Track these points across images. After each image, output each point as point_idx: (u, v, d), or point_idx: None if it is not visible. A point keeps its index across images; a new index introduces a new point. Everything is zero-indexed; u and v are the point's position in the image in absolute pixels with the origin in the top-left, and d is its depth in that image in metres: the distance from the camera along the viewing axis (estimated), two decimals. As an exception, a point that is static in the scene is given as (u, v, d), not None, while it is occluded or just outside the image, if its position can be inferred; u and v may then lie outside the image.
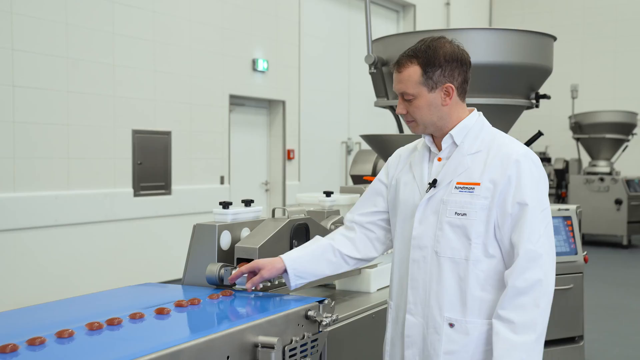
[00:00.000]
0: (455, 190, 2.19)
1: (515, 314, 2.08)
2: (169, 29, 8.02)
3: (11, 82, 6.29)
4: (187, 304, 2.16)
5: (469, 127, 2.26)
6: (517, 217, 2.12)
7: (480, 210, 2.15)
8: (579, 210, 4.47)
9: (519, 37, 4.22)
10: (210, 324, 2.01)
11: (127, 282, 4.00)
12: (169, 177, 8.07)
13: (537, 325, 2.08)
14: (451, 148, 2.27)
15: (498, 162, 2.17)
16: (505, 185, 2.14)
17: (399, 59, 2.26)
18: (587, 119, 12.98)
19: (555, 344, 4.29)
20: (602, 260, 10.87)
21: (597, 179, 12.35)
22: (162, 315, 2.04)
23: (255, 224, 2.70)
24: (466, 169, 2.21)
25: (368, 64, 4.28)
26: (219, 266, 2.46)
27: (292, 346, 2.13)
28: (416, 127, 2.28)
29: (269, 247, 2.49)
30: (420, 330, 2.24)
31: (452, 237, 2.18)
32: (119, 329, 1.88)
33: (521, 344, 2.06)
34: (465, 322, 2.17)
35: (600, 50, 15.88)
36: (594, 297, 7.56)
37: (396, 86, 2.26)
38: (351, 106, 11.81)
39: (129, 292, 2.45)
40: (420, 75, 2.19)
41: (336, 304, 2.95)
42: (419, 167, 2.33)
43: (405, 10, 13.70)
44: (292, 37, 10.25)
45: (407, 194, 2.33)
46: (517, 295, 2.09)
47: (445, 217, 2.19)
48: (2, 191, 6.23)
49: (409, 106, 2.24)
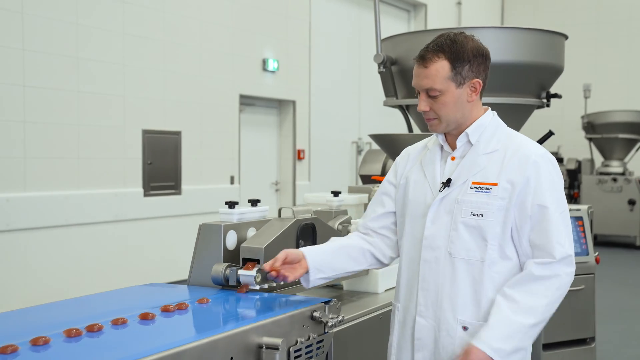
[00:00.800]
0: (471, 190, 2.15)
1: (521, 296, 2.06)
2: (179, 28, 8.02)
3: (22, 82, 6.31)
4: (190, 304, 2.14)
5: (485, 125, 2.22)
6: (538, 220, 2.09)
7: (497, 211, 2.11)
8: (590, 211, 4.43)
9: (529, 36, 4.19)
10: (214, 325, 2.00)
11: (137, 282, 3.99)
12: (178, 177, 8.07)
13: (539, 313, 2.06)
14: (465, 147, 2.22)
15: (516, 162, 2.13)
16: (523, 187, 2.10)
17: (423, 53, 2.17)
18: (599, 118, 12.88)
19: (567, 345, 4.25)
20: (615, 261, 10.78)
21: (610, 179, 12.26)
22: (165, 315, 2.02)
23: (261, 224, 2.67)
24: (482, 168, 2.16)
25: (377, 63, 4.26)
26: (225, 266, 2.44)
27: (297, 347, 2.11)
28: (438, 126, 2.20)
29: (274, 247, 2.47)
30: (432, 333, 2.19)
31: (467, 238, 2.13)
32: (122, 330, 1.86)
33: (517, 324, 2.04)
34: (479, 325, 2.12)
35: (613, 49, 15.77)
36: (606, 298, 7.49)
37: (421, 82, 2.16)
38: (362, 106, 11.78)
39: (134, 292, 2.44)
40: (449, 70, 2.13)
41: (343, 305, 2.93)
42: (430, 166, 2.27)
43: (417, 9, 13.65)
44: (303, 37, 10.23)
45: (417, 193, 2.27)
46: (531, 280, 2.08)
47: (460, 217, 2.14)
48: (13, 191, 6.25)
49: (434, 103, 2.16)
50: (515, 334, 2.04)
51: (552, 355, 4.17)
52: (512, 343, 2.03)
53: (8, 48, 6.20)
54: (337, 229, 3.06)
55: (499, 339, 2.03)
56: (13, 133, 6.25)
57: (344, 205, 3.27)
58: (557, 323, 4.22)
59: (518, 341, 2.04)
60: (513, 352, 2.04)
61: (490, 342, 2.02)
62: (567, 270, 2.10)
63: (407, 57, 4.20)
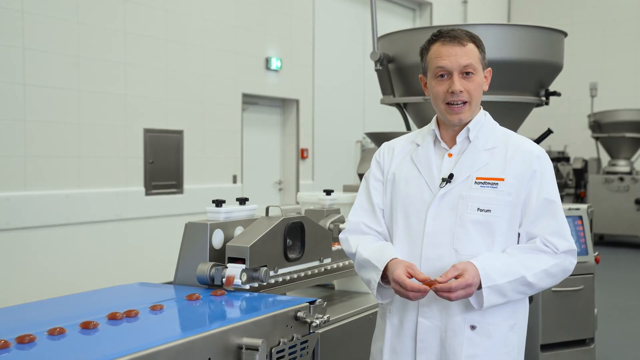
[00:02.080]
0: (476, 185, 2.14)
1: (523, 255, 2.09)
2: (182, 27, 8.00)
3: (22, 81, 6.30)
4: (165, 305, 2.10)
5: (481, 123, 2.23)
6: (541, 213, 2.12)
7: (504, 206, 2.11)
8: (590, 210, 4.37)
9: (527, 33, 4.14)
10: (192, 325, 1.96)
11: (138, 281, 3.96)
12: (181, 176, 8.05)
13: (535, 275, 2.07)
14: (464, 143, 2.21)
15: (519, 157, 2.16)
16: (529, 180, 2.13)
17: (454, 34, 2.15)
18: (606, 117, 12.78)
19: (565, 346, 4.21)
20: (621, 262, 10.69)
21: (617, 179, 12.16)
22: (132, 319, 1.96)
23: (249, 223, 2.64)
24: (485, 164, 2.16)
25: (373, 61, 4.22)
26: (210, 265, 2.41)
27: (279, 348, 2.08)
28: (467, 112, 2.16)
29: (260, 246, 2.44)
30: (437, 334, 2.13)
31: (474, 234, 2.11)
32: (95, 332, 1.82)
33: (515, 270, 2.06)
34: (487, 323, 2.11)
35: (620, 48, 15.65)
36: (610, 298, 7.43)
37: (460, 60, 2.12)
38: (366, 104, 11.73)
39: (118, 291, 2.41)
40: (479, 52, 2.17)
41: (334, 304, 2.91)
42: (425, 162, 2.23)
43: (422, 8, 13.59)
44: (306, 36, 10.20)
45: (411, 190, 2.22)
46: (535, 249, 2.11)
47: (467, 213, 2.12)
48: (13, 190, 6.24)
49: (468, 84, 2.14)
50: (510, 276, 2.05)
51: (550, 357, 4.13)
52: (503, 280, 2.04)
53: (9, 47, 6.19)
54: (329, 228, 3.03)
55: (494, 270, 2.04)
56: (13, 132, 6.24)
57: (336, 204, 3.23)
58: (555, 323, 4.19)
59: (508, 285, 2.05)
60: (497, 292, 2.04)
61: (485, 267, 2.03)
62: (571, 259, 2.14)
63: (404, 54, 4.16)
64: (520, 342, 2.19)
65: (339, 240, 2.40)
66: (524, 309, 2.24)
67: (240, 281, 2.34)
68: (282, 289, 2.64)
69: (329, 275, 2.89)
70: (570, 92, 14.94)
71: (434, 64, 2.17)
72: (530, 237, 2.14)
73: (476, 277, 2.01)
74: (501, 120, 2.37)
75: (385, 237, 2.29)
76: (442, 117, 2.22)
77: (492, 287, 2.03)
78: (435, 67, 2.16)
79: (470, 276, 2.00)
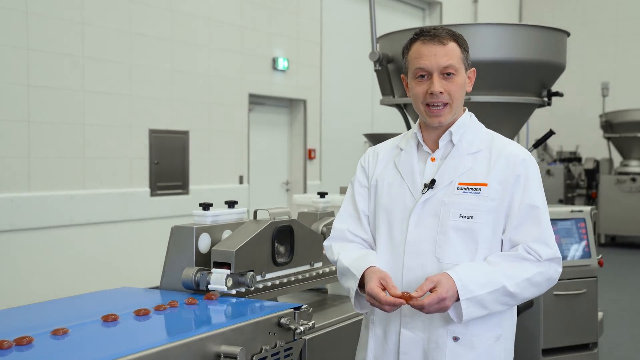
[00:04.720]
0: (458, 191, 2.06)
1: (506, 264, 2.01)
2: (187, 27, 7.98)
3: (26, 82, 6.30)
4: (146, 311, 2.05)
5: (465, 125, 2.15)
6: (524, 219, 2.04)
7: (487, 212, 2.03)
8: (593, 212, 4.30)
9: (529, 33, 4.08)
10: (168, 333, 1.92)
11: (143, 283, 3.94)
12: (186, 176, 8.03)
13: (517, 285, 1.99)
14: (447, 147, 2.14)
15: (503, 162, 2.07)
16: (513, 185, 2.04)
17: (435, 32, 2.08)
18: (618, 117, 12.64)
19: (568, 350, 4.14)
20: (631, 263, 10.56)
21: (629, 179, 12.03)
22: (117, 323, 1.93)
23: (238, 226, 2.60)
24: (468, 169, 2.08)
25: (372, 61, 4.18)
26: (195, 270, 2.37)
27: (261, 355, 2.03)
28: (447, 113, 2.08)
29: (247, 250, 2.40)
30: (420, 346, 2.07)
31: (456, 242, 2.03)
32: (65, 337, 1.78)
33: (495, 281, 1.97)
34: (470, 335, 2.03)
35: (632, 47, 15.47)
36: (620, 301, 7.33)
37: (440, 60, 2.05)
38: (374, 104, 11.65)
39: (99, 296, 2.38)
40: (460, 52, 2.10)
41: (326, 309, 2.86)
42: (408, 167, 2.16)
43: (432, 7, 13.50)
44: (314, 35, 10.15)
45: (394, 196, 2.15)
46: (518, 257, 2.03)
47: (449, 220, 2.04)
48: (17, 191, 6.24)
49: (448, 84, 2.06)
50: (490, 286, 1.96)
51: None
52: (482, 291, 1.95)
53: (12, 47, 6.19)
54: (321, 231, 2.98)
55: (473, 281, 1.95)
56: (17, 132, 6.24)
57: (330, 207, 3.19)
58: (557, 327, 4.12)
59: (488, 296, 1.96)
60: (477, 304, 1.95)
61: (462, 278, 1.95)
62: (555, 267, 2.05)
63: (404, 54, 4.11)
64: (506, 353, 2.10)
65: (324, 247, 2.33)
66: (511, 319, 2.14)
67: (225, 287, 2.30)
68: (272, 294, 2.60)
69: (320, 280, 2.85)
70: (581, 91, 14.85)
71: (414, 65, 2.09)
72: (513, 244, 2.05)
73: (451, 289, 1.92)
74: (503, 121, 2.33)
75: (370, 244, 2.23)
76: (422, 118, 2.15)
77: (471, 299, 1.95)
78: (414, 67, 2.09)
79: (443, 290, 1.91)
